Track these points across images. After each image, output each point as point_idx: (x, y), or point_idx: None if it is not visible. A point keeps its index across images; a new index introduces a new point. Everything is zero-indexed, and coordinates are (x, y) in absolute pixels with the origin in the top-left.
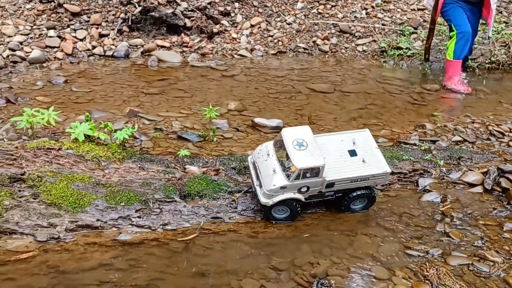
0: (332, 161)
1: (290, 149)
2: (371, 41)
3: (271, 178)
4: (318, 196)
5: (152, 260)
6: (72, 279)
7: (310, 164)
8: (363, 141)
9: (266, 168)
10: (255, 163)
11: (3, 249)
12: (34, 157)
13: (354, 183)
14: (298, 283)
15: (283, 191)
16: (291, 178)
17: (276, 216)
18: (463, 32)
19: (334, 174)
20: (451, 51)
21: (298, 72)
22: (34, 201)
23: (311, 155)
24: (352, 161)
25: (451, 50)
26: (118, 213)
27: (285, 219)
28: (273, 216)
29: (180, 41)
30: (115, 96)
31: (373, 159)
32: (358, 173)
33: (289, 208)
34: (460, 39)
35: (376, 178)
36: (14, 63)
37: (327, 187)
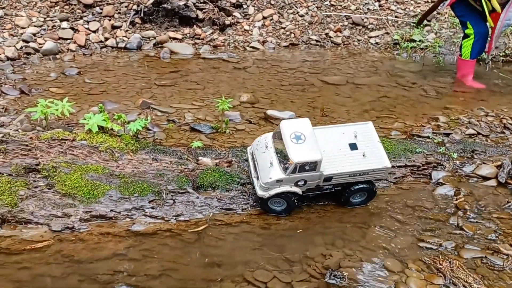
0: (331, 154)
1: (288, 142)
2: (384, 33)
3: (268, 170)
4: (316, 190)
5: (165, 251)
6: (87, 269)
7: (307, 159)
8: (365, 134)
9: (264, 161)
10: (254, 155)
11: (18, 238)
12: (49, 147)
13: (353, 177)
14: (310, 275)
15: (280, 184)
16: (288, 172)
17: (273, 208)
18: (481, 33)
19: (332, 168)
20: (467, 50)
21: (310, 64)
22: (48, 191)
23: (309, 149)
24: (352, 155)
25: (467, 50)
26: (131, 203)
27: (282, 211)
28: (270, 208)
29: (192, 33)
30: (127, 87)
31: (373, 153)
32: (357, 168)
33: (285, 201)
34: (479, 39)
35: (375, 173)
36: (27, 55)
37: (325, 181)
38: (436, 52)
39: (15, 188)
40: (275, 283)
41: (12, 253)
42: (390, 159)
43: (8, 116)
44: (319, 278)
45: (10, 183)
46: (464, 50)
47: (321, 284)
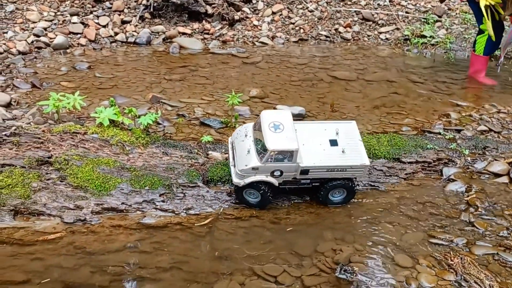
0: (310, 148)
1: (266, 130)
2: (394, 29)
3: (245, 158)
4: (293, 183)
5: (176, 244)
6: (98, 260)
7: (283, 147)
8: (348, 132)
9: (242, 149)
10: (233, 143)
11: (31, 230)
12: (61, 140)
13: (331, 172)
14: (320, 269)
15: (255, 172)
16: (263, 160)
17: (247, 199)
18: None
19: (309, 161)
20: (481, 46)
21: (320, 60)
22: (61, 184)
23: (286, 138)
24: (331, 150)
25: (481, 45)
26: (142, 197)
27: (257, 204)
28: (245, 199)
29: (201, 28)
30: (137, 82)
31: (353, 151)
32: (335, 163)
33: (259, 193)
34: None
35: (354, 170)
36: (38, 49)
37: (302, 173)
38: (447, 48)
39: (28, 180)
40: (285, 277)
41: (25, 244)
42: (400, 154)
43: (20, 109)
44: (329, 273)
45: (23, 175)
46: (478, 46)
47: (331, 278)
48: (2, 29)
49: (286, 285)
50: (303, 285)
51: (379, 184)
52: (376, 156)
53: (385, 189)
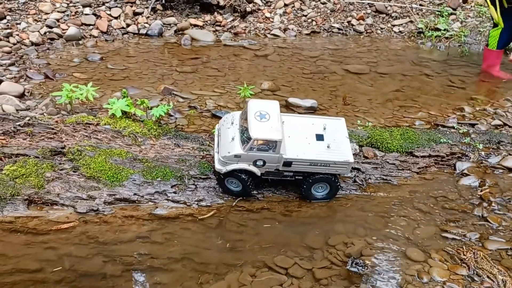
0: (295, 141)
1: (251, 119)
2: (408, 21)
3: (228, 145)
4: (275, 174)
5: (187, 235)
6: (111, 250)
7: (266, 136)
8: (335, 128)
9: (227, 136)
10: (219, 131)
11: (45, 219)
12: (74, 131)
13: (314, 166)
14: (331, 262)
15: (238, 160)
16: (246, 148)
17: (229, 188)
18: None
19: (293, 153)
20: (494, 40)
21: (332, 53)
22: (74, 174)
23: (270, 128)
24: (316, 144)
25: (494, 39)
26: (154, 188)
27: (239, 193)
28: (226, 187)
29: (213, 20)
30: (149, 73)
31: (338, 147)
32: (318, 157)
33: (241, 183)
34: (508, 29)
35: (337, 166)
36: (51, 40)
37: (285, 165)
38: (462, 41)
39: (42, 170)
40: (296, 269)
41: (39, 233)
42: (413, 148)
43: (33, 100)
44: (340, 266)
45: (36, 165)
46: (491, 40)
47: (342, 271)
48: (15, 20)
49: (297, 277)
50: (314, 277)
51: (391, 178)
52: (389, 149)
53: (398, 183)
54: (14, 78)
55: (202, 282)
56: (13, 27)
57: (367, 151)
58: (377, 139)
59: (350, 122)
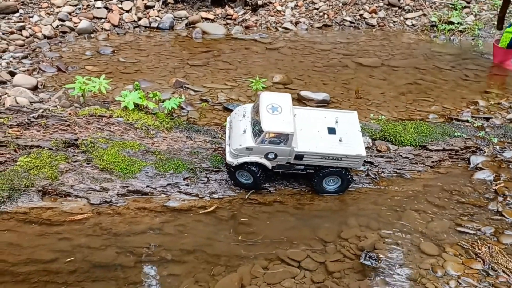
0: (307, 134)
1: (263, 112)
2: (421, 15)
3: (240, 138)
4: (287, 167)
5: (200, 227)
6: (124, 241)
7: (278, 129)
8: (347, 121)
9: (238, 128)
10: (231, 123)
11: (59, 210)
12: (87, 123)
13: (325, 160)
14: (344, 255)
15: (249, 153)
16: (258, 141)
17: (240, 181)
18: None
19: (305, 146)
20: (506, 40)
21: (344, 46)
22: (87, 166)
23: (282, 121)
24: (329, 138)
25: (507, 39)
26: (167, 180)
27: (249, 186)
28: (237, 180)
29: (224, 13)
30: (161, 67)
31: (350, 141)
32: (330, 151)
33: (252, 175)
34: None
35: (349, 160)
36: (63, 33)
37: (296, 158)
38: (475, 35)
39: (55, 162)
40: (309, 262)
41: (53, 224)
42: (427, 142)
43: (46, 92)
44: (353, 259)
45: (50, 157)
46: (503, 39)
47: (355, 265)
48: (28, 13)
49: (309, 270)
50: (327, 270)
51: (404, 172)
52: (402, 143)
53: (411, 176)
54: (27, 71)
55: (215, 274)
56: (26, 20)
57: (380, 145)
58: (390, 132)
59: (362, 115)
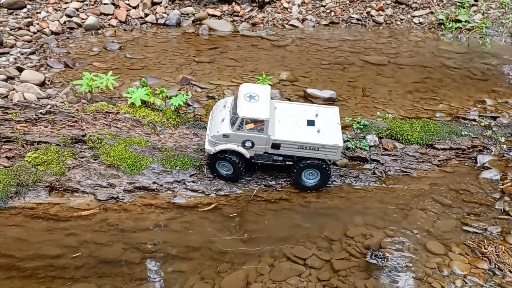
0: (286, 125)
1: (240, 99)
2: (428, 13)
3: (218, 125)
4: (265, 158)
5: (206, 224)
6: (131, 237)
7: (253, 115)
8: (328, 115)
9: (218, 117)
10: (212, 114)
11: (66, 206)
12: (94, 120)
13: (303, 150)
14: (350, 254)
15: (226, 140)
16: (234, 127)
17: (220, 171)
18: None
19: (281, 135)
20: None
21: (351, 44)
22: (94, 162)
23: (258, 108)
24: (307, 129)
25: None
26: (173, 177)
27: (229, 177)
28: (217, 171)
29: (231, 10)
30: (167, 63)
31: (328, 132)
32: (307, 140)
33: (232, 165)
34: None
35: (326, 150)
36: (70, 29)
37: (273, 147)
38: (483, 33)
39: (63, 157)
40: (314, 260)
41: (60, 220)
42: (434, 141)
43: (54, 88)
44: (359, 258)
45: (58, 153)
46: None
47: (361, 263)
48: (36, 9)
49: (315, 268)
50: (333, 268)
51: (411, 170)
52: (409, 141)
53: (418, 175)
54: (35, 67)
55: (220, 271)
56: (33, 16)
57: (386, 143)
58: (397, 131)
59: (369, 113)
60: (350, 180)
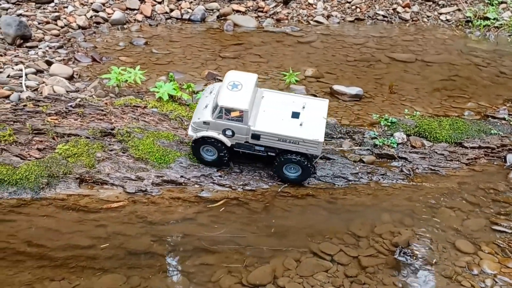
0: (269, 115)
1: (223, 88)
2: (456, 10)
3: (200, 112)
4: (247, 147)
5: (232, 218)
6: (159, 230)
7: (232, 105)
8: (315, 108)
9: (202, 104)
10: (199, 100)
11: (95, 198)
12: (122, 113)
13: (283, 143)
14: (378, 251)
15: (207, 127)
16: (214, 115)
17: (204, 157)
18: None
19: (261, 126)
20: None
21: (376, 40)
22: (123, 155)
23: (239, 97)
24: (290, 121)
25: None
26: (200, 171)
27: (213, 163)
28: (201, 156)
29: (255, 6)
30: (193, 58)
31: (311, 126)
32: (287, 133)
33: (216, 150)
34: None
35: (307, 145)
36: (97, 24)
37: (254, 138)
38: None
39: (93, 150)
40: (341, 256)
41: (90, 211)
42: (462, 139)
43: (82, 82)
44: (387, 255)
45: (88, 145)
46: None
47: (389, 260)
48: (63, 3)
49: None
50: (360, 265)
51: (439, 168)
52: (437, 139)
53: (446, 173)
54: (63, 61)
55: (247, 265)
56: (61, 11)
57: (414, 141)
58: (425, 128)
59: (396, 110)
60: (377, 177)
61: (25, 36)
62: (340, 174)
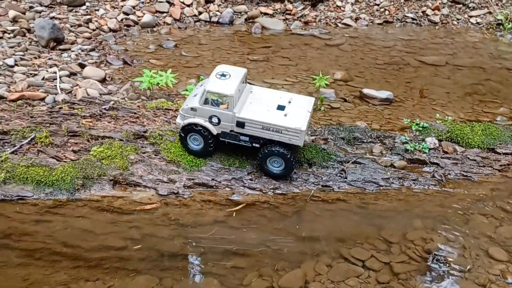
0: (255, 106)
1: (212, 77)
2: (487, 12)
3: (190, 100)
4: (232, 137)
5: (263, 222)
6: (190, 232)
7: (218, 90)
8: (301, 103)
9: (192, 93)
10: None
11: (129, 199)
12: (154, 116)
13: (266, 131)
14: (410, 257)
15: (194, 114)
16: (200, 101)
17: (190, 146)
18: None
19: (246, 114)
20: None
21: (406, 43)
22: (155, 158)
23: (225, 84)
24: (274, 112)
25: None
26: (231, 174)
27: (198, 152)
28: (188, 146)
29: (283, 8)
30: (221, 61)
31: (295, 117)
32: (270, 121)
33: (202, 138)
34: None
35: (289, 134)
36: (127, 27)
37: (238, 126)
38: None
39: (126, 152)
40: (373, 262)
41: (124, 213)
42: (495, 145)
43: (114, 84)
44: (419, 262)
45: (121, 148)
46: None
47: (421, 267)
48: (94, 6)
49: (374, 270)
50: (392, 271)
51: (472, 175)
52: (470, 145)
53: (478, 179)
54: (95, 63)
55: (278, 269)
56: (92, 14)
57: (446, 146)
58: (457, 134)
59: (427, 115)
60: (408, 182)
61: (58, 39)
62: (371, 179)
